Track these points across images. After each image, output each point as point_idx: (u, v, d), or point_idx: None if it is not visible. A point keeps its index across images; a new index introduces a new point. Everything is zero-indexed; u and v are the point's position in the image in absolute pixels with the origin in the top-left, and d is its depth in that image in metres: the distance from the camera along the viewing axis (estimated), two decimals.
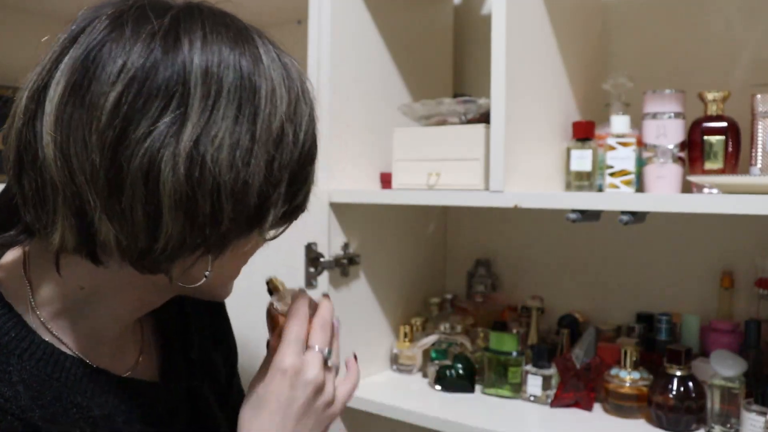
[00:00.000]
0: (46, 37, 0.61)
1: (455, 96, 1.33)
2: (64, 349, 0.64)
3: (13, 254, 0.66)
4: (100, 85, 0.55)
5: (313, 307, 0.74)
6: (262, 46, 0.61)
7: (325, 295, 0.76)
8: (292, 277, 1.27)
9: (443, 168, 1.25)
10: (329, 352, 0.72)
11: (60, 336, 0.64)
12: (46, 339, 0.63)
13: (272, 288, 0.77)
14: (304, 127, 0.62)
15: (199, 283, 0.63)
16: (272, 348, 0.72)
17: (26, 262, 0.65)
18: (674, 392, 1.10)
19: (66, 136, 0.55)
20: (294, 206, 0.64)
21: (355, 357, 0.81)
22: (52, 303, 0.64)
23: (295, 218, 0.67)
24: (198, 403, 0.77)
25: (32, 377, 0.61)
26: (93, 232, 0.57)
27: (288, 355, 0.68)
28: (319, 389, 0.70)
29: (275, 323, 0.74)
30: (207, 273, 0.62)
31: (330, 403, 0.72)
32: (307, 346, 0.70)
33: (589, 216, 1.09)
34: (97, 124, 0.54)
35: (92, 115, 0.54)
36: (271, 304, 0.75)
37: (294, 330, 0.70)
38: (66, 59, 0.57)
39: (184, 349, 0.79)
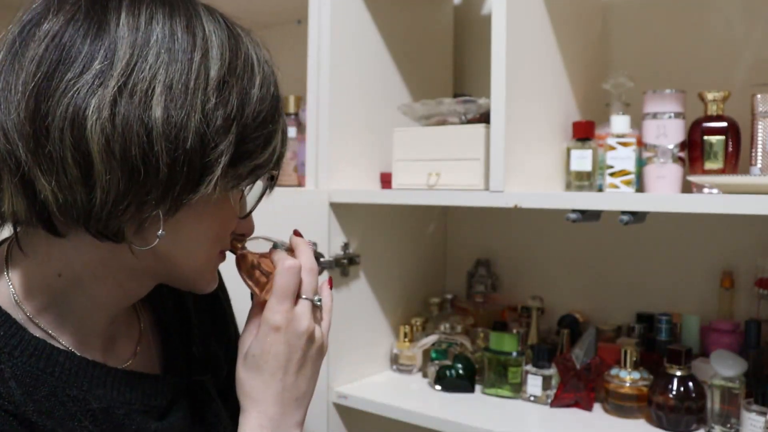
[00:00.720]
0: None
1: (455, 96, 1.33)
2: (55, 343, 0.64)
3: None
4: (27, 50, 0.57)
5: (290, 250, 0.73)
6: (206, 14, 0.63)
7: (296, 232, 0.75)
8: None
9: (443, 168, 1.25)
10: (319, 299, 0.72)
11: (49, 331, 0.64)
12: (36, 335, 0.64)
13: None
14: (257, 88, 0.63)
15: (153, 245, 0.61)
16: (256, 297, 0.72)
17: (6, 260, 0.65)
18: (674, 392, 1.10)
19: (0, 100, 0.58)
20: (255, 165, 0.63)
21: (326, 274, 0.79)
22: (35, 297, 0.64)
23: (256, 178, 0.66)
24: (200, 396, 0.77)
25: (24, 373, 0.61)
26: (35, 192, 0.58)
27: (278, 311, 0.68)
28: (311, 337, 0.70)
29: (251, 272, 0.72)
30: (159, 233, 0.60)
31: (321, 345, 0.72)
32: (297, 296, 0.70)
33: (589, 216, 1.09)
34: (22, 78, 0.57)
35: (18, 74, 0.57)
36: (246, 253, 0.73)
37: (282, 283, 0.68)
38: (7, 35, 0.60)
39: (185, 344, 0.79)
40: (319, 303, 0.72)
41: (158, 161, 0.56)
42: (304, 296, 0.70)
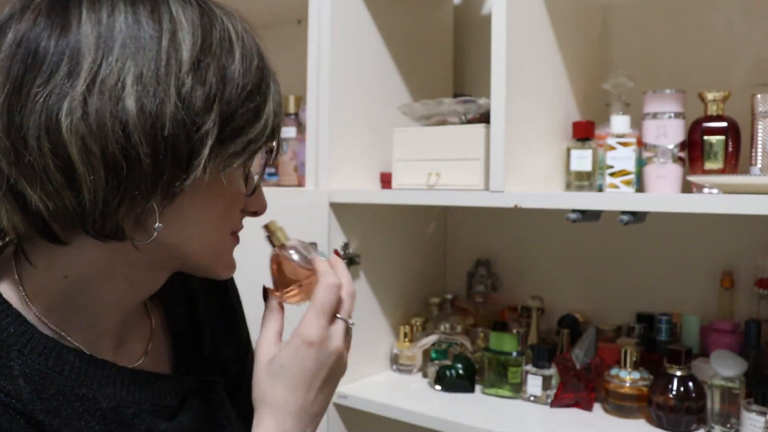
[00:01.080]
0: None
1: (455, 96, 1.33)
2: (65, 342, 0.64)
3: (7, 253, 0.67)
4: None
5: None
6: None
7: (336, 252, 0.75)
8: None
9: (443, 168, 1.25)
10: (353, 322, 0.71)
11: (59, 330, 0.64)
12: (47, 333, 0.63)
13: (270, 233, 0.73)
14: (237, 62, 0.61)
15: (152, 238, 0.60)
16: (272, 295, 0.71)
17: (16, 260, 0.65)
18: (674, 392, 1.10)
19: None
20: (247, 140, 0.61)
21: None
22: (44, 297, 0.64)
23: (252, 153, 0.64)
24: (211, 397, 0.76)
25: (33, 371, 0.61)
26: (26, 204, 0.58)
27: (316, 326, 0.67)
28: (340, 357, 0.70)
29: (282, 272, 0.72)
30: (156, 226, 0.59)
31: (344, 366, 0.72)
32: (334, 316, 0.69)
33: (589, 216, 1.09)
34: None
35: None
36: (282, 253, 0.72)
37: (325, 300, 0.68)
38: None
39: (196, 344, 0.78)
40: (352, 326, 0.71)
41: (138, 153, 0.55)
42: (341, 316, 0.70)
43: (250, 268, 0.75)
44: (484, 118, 1.23)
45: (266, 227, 0.73)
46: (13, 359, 0.60)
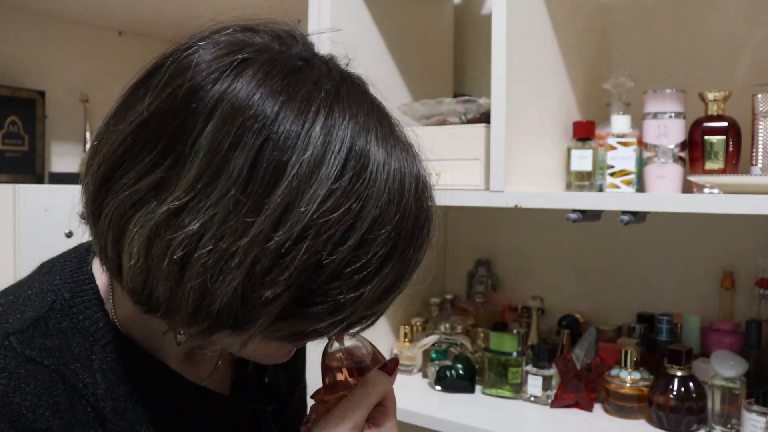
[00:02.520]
0: None
1: (455, 96, 1.33)
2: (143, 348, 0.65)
3: None
4: (118, 127, 0.54)
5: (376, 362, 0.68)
6: (355, 122, 0.51)
7: (394, 361, 0.68)
8: None
9: (443, 168, 1.24)
10: None
11: (136, 339, 0.65)
12: (128, 335, 0.64)
13: None
14: (328, 250, 0.49)
15: (178, 342, 0.60)
16: (321, 402, 0.68)
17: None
18: (675, 393, 1.10)
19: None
20: (313, 329, 0.53)
21: None
22: (124, 310, 0.65)
23: (307, 340, 0.57)
24: (262, 424, 0.76)
25: (111, 369, 0.62)
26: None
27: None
28: None
29: (331, 372, 0.68)
30: (179, 337, 0.59)
31: None
32: (364, 426, 0.64)
33: (589, 216, 1.09)
34: (101, 155, 0.54)
35: (104, 145, 0.54)
36: (333, 352, 0.68)
37: (356, 412, 0.63)
38: None
39: (259, 371, 0.78)
40: None
41: (180, 313, 0.52)
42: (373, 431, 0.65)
43: None
44: (484, 118, 1.23)
45: None
46: (96, 354, 0.62)
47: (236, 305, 0.50)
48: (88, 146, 1.89)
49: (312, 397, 0.69)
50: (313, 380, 0.79)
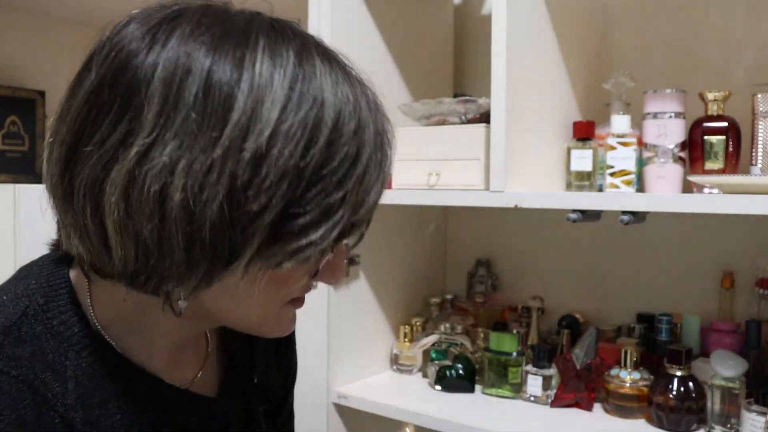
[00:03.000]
0: None
1: (455, 96, 1.33)
2: (121, 353, 0.64)
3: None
4: (74, 101, 0.55)
5: None
6: (271, 51, 0.54)
7: None
8: None
9: (443, 168, 1.24)
10: None
11: (115, 343, 0.64)
12: (107, 340, 0.63)
13: None
14: (319, 150, 0.53)
15: (178, 311, 0.58)
16: None
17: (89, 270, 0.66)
18: (675, 392, 1.10)
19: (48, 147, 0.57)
20: (308, 242, 0.54)
21: None
22: (105, 311, 0.64)
23: (307, 256, 0.55)
24: (252, 425, 0.76)
25: (86, 375, 0.61)
26: (77, 247, 0.58)
27: None
28: None
29: None
30: (180, 302, 0.57)
31: None
32: None
33: (589, 216, 1.09)
34: (60, 136, 0.55)
35: (61, 128, 0.55)
36: None
37: None
38: None
39: (248, 371, 0.77)
40: None
41: (171, 248, 0.52)
42: None
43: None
44: (484, 118, 1.23)
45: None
46: (70, 359, 0.60)
47: (225, 227, 0.51)
48: None
49: None
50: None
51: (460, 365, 1.33)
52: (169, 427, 0.65)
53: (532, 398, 1.26)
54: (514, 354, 1.28)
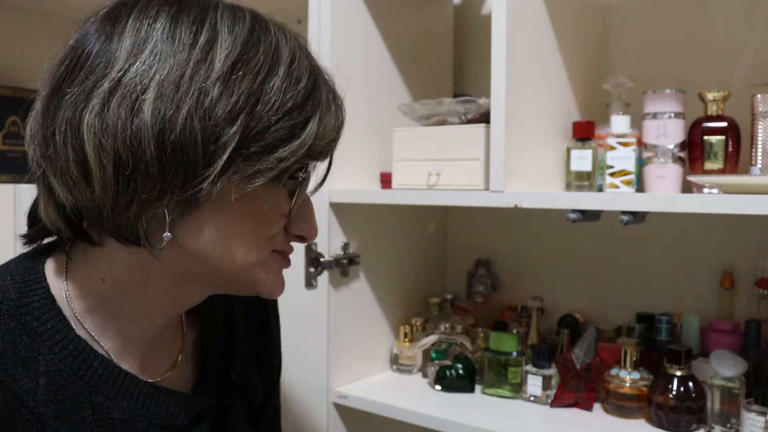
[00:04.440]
0: None
1: (455, 96, 1.33)
2: (95, 347, 0.65)
3: (58, 251, 0.69)
4: (58, 62, 0.62)
5: None
6: (226, 10, 0.62)
7: None
8: (292, 277, 1.27)
9: (443, 168, 1.25)
10: None
11: (92, 333, 0.65)
12: (81, 335, 0.64)
13: None
14: (279, 78, 0.60)
15: (161, 246, 0.60)
16: None
17: (66, 259, 0.67)
18: (674, 392, 1.10)
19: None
20: (276, 158, 0.59)
21: None
22: (83, 298, 0.65)
23: (281, 173, 0.61)
24: (226, 420, 0.76)
25: (58, 371, 0.62)
26: (56, 197, 0.61)
27: None
28: None
29: None
30: (165, 234, 0.59)
31: None
32: None
33: (589, 216, 1.09)
34: (42, 89, 0.61)
35: (44, 84, 0.62)
36: None
37: None
38: None
39: (224, 367, 0.78)
40: None
41: (145, 154, 0.56)
42: None
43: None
44: (484, 118, 1.23)
45: None
46: (42, 355, 0.61)
47: (196, 137, 0.56)
48: None
49: None
50: None
51: (460, 365, 1.33)
52: (141, 421, 0.66)
53: (532, 398, 1.26)
54: (514, 354, 1.29)
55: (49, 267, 0.67)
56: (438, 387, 1.33)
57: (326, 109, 0.65)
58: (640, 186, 1.16)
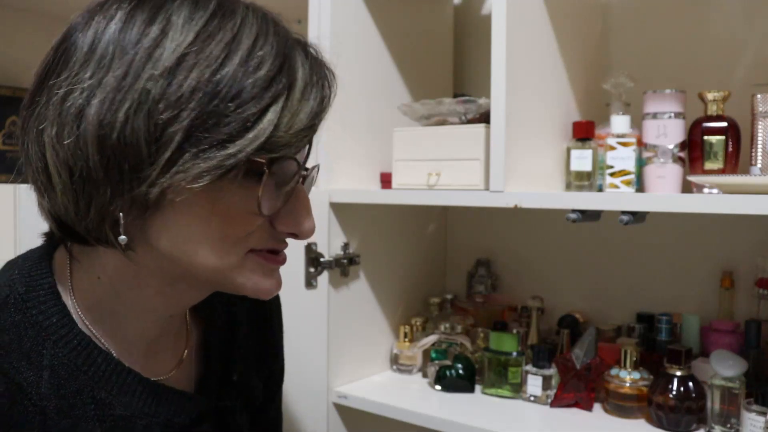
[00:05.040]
0: None
1: (455, 96, 1.33)
2: (98, 343, 0.65)
3: (64, 247, 0.69)
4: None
5: None
6: (187, 3, 0.59)
7: None
8: (292, 277, 1.27)
9: (443, 168, 1.25)
10: None
11: (94, 330, 0.65)
12: (84, 331, 0.65)
13: None
14: (232, 69, 0.56)
15: (123, 250, 0.59)
16: None
17: (70, 257, 0.68)
18: (674, 392, 1.10)
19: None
20: (226, 154, 0.55)
21: None
22: (85, 296, 0.65)
23: (232, 168, 0.56)
24: (226, 420, 0.76)
25: (62, 365, 0.62)
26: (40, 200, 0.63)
27: None
28: None
29: None
30: (120, 238, 0.58)
31: None
32: None
33: (589, 216, 1.09)
34: (25, 98, 0.63)
35: (27, 93, 0.63)
36: None
37: None
38: None
39: (226, 368, 0.78)
40: None
41: (88, 159, 0.56)
42: None
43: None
44: (484, 118, 1.23)
45: None
46: (47, 349, 0.62)
47: (139, 136, 0.55)
48: None
49: None
50: None
51: (460, 365, 1.33)
52: (142, 419, 0.66)
53: (531, 398, 1.26)
54: (514, 354, 1.29)
55: (56, 263, 0.67)
56: (438, 387, 1.33)
57: (299, 94, 0.59)
58: (640, 186, 1.16)
